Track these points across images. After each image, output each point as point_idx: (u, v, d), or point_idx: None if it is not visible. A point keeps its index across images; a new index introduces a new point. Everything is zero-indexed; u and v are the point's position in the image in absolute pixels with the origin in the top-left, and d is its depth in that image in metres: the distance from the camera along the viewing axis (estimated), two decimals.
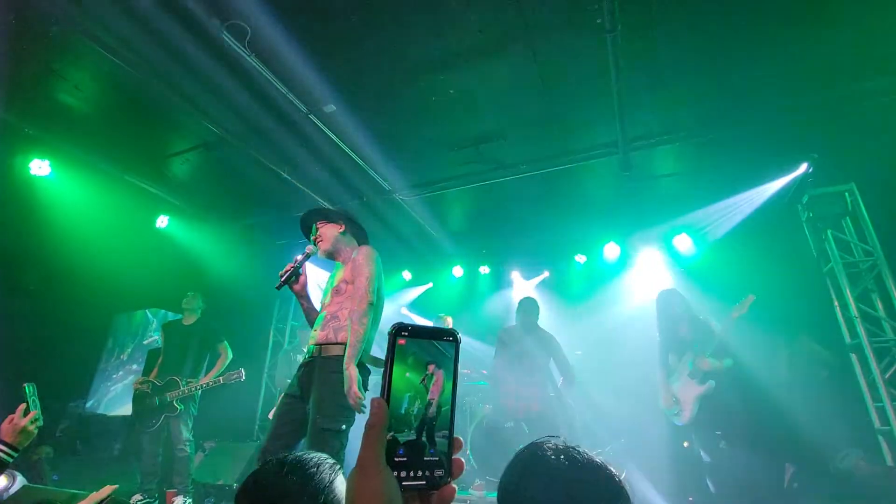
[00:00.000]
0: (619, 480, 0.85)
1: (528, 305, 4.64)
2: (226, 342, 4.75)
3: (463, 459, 0.52)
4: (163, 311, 7.00)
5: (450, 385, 0.54)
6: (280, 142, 4.43)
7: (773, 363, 4.43)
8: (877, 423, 3.78)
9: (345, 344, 2.40)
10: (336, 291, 2.58)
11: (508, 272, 7.21)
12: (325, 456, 1.06)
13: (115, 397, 6.77)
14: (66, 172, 4.79)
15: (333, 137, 4.26)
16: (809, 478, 3.72)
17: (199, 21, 3.08)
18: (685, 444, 3.87)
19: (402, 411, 0.51)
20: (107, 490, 2.04)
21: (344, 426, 2.35)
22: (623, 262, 6.38)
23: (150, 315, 7.15)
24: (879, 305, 3.97)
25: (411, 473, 0.49)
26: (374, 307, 2.49)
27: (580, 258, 6.53)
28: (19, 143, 4.43)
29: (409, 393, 0.52)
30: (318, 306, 2.75)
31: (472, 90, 3.74)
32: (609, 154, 4.34)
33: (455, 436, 0.52)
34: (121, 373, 6.96)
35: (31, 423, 1.74)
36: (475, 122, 4.15)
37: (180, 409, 4.35)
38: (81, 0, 3.03)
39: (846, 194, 4.03)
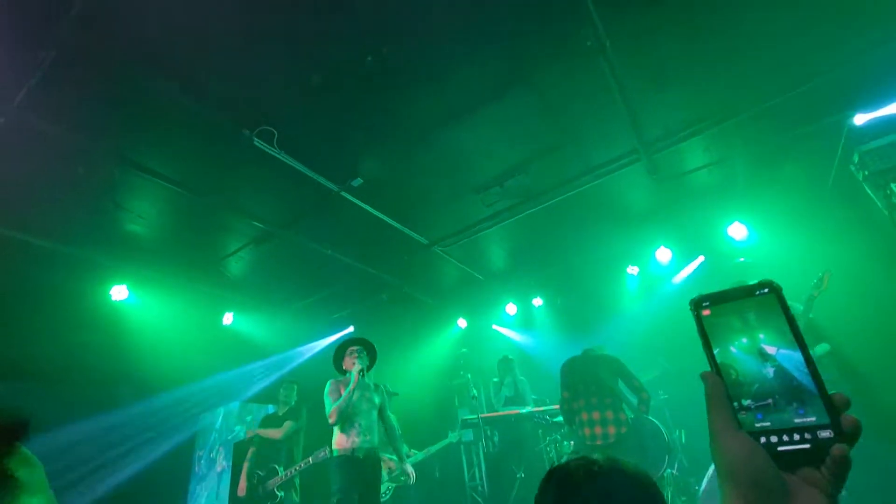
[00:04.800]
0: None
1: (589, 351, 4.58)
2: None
3: (853, 417, 0.46)
4: (236, 403, 7.30)
5: (789, 337, 0.49)
6: (319, 222, 4.74)
7: (874, 340, 4.00)
8: None
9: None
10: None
11: (559, 299, 7.07)
12: None
13: (210, 496, 6.97)
14: (141, 292, 5.30)
15: (366, 207, 4.51)
16: None
17: (233, 135, 3.46)
18: None
19: (745, 378, 0.49)
20: None
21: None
22: (680, 264, 6.12)
23: (226, 409, 7.46)
24: None
25: (785, 437, 0.46)
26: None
27: (632, 270, 6.32)
28: (99, 275, 4.98)
29: (744, 359, 0.50)
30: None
31: (484, 133, 3.89)
32: (633, 161, 4.31)
33: (835, 392, 0.47)
34: (212, 472, 7.21)
35: None
36: (494, 161, 4.27)
37: (280, 497, 4.47)
38: (135, 144, 3.50)
39: None
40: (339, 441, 3.87)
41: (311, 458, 4.45)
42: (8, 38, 2.59)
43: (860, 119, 3.80)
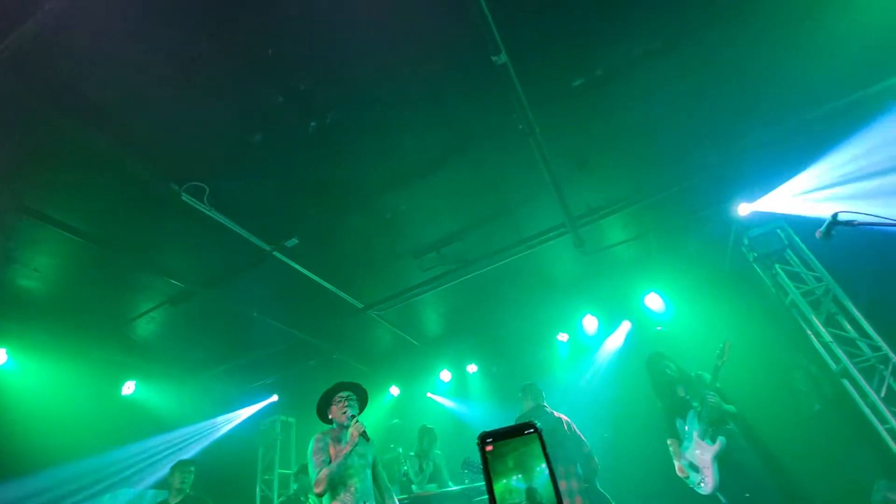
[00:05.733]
0: None
1: (532, 390, 4.51)
2: None
3: None
4: (130, 490, 6.28)
5: (543, 472, 0.59)
6: (246, 282, 4.48)
7: (774, 406, 4.38)
8: (895, 446, 3.68)
9: None
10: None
11: (495, 366, 7.08)
12: None
13: None
14: (24, 356, 4.59)
15: (299, 268, 4.36)
16: None
17: (159, 188, 3.27)
18: None
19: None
20: None
21: None
22: (606, 331, 6.43)
23: (114, 497, 6.37)
24: (849, 327, 4.08)
25: None
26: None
27: (562, 336, 6.54)
28: None
29: (513, 488, 0.58)
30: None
31: (422, 201, 4.01)
32: (562, 234, 4.61)
33: None
34: None
35: None
36: (432, 228, 4.37)
37: None
38: (42, 191, 3.20)
39: (778, 231, 4.35)
40: None
41: None
42: None
43: (744, 209, 4.37)
